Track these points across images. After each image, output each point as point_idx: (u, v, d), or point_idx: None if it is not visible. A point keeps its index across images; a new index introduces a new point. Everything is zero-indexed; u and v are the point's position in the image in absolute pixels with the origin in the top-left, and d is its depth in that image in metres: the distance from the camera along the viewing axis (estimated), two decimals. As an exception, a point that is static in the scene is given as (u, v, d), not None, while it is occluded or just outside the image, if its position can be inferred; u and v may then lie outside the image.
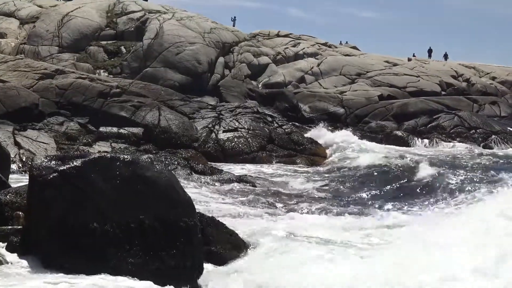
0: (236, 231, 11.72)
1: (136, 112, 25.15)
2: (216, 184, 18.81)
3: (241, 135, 25.13)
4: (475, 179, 19.42)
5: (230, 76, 32.95)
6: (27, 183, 9.59)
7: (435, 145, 29.61)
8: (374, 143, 28.07)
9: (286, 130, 26.84)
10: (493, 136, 31.31)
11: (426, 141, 30.02)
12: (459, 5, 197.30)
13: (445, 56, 46.95)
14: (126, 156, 9.83)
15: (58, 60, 31.05)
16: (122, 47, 33.29)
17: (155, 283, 8.58)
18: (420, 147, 28.96)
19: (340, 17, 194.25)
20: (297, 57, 37.43)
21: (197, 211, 10.57)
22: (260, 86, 33.77)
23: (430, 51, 48.76)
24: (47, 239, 8.98)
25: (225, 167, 21.86)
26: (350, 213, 15.35)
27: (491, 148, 29.89)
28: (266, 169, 22.45)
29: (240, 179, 19.50)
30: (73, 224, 9.01)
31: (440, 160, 24.17)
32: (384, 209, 16.14)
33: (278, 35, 40.51)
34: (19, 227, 9.46)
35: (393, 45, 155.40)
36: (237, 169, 21.99)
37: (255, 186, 18.82)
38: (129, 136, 23.94)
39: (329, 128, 29.55)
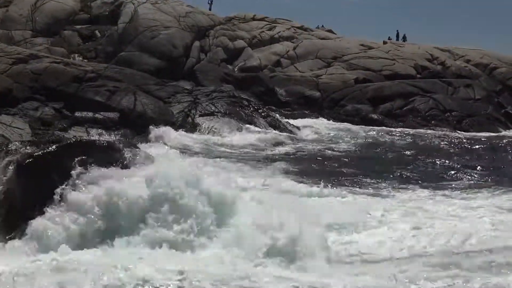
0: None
1: (112, 96, 24.97)
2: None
3: (218, 119, 25.08)
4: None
5: (206, 60, 32.84)
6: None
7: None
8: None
9: (262, 114, 26.83)
10: (468, 119, 31.58)
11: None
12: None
13: (404, 38, 46.83)
14: (102, 141, 9.81)
15: (32, 45, 30.74)
16: (97, 31, 33.04)
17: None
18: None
19: None
20: (273, 40, 37.36)
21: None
22: (236, 70, 33.69)
23: (397, 35, 48.91)
24: (23, 224, 8.95)
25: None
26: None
27: (466, 131, 30.10)
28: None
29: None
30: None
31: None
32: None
33: (253, 19, 40.37)
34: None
35: (366, 28, 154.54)
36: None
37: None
38: (105, 121, 23.81)
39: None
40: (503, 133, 30.54)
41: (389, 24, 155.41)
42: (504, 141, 26.89)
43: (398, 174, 17.51)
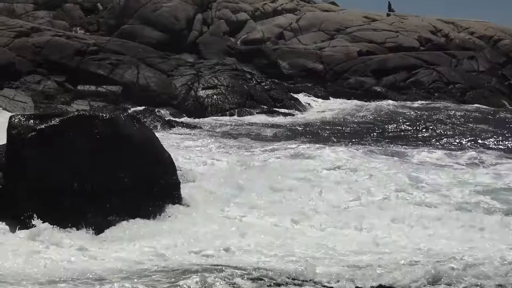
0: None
1: (114, 70, 24.93)
2: (198, 140, 18.73)
3: (220, 92, 25.04)
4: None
5: (208, 33, 32.68)
6: (5, 142, 9.51)
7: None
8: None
9: (265, 87, 26.78)
10: (471, 91, 31.46)
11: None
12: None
13: (389, 6, 44.86)
14: (105, 114, 9.77)
15: (34, 18, 30.62)
16: (99, 4, 32.86)
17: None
18: None
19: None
20: (275, 13, 37.08)
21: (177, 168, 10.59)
22: (238, 43, 33.53)
23: (389, 6, 47.32)
24: (26, 199, 8.95)
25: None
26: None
27: (469, 103, 29.97)
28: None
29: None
30: (52, 183, 8.98)
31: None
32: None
33: (256, -9, 40.09)
34: (-1, 186, 9.40)
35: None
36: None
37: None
38: (108, 94, 23.80)
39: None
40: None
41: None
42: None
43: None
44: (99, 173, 9.19)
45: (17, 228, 8.61)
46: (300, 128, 21.72)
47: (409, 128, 22.34)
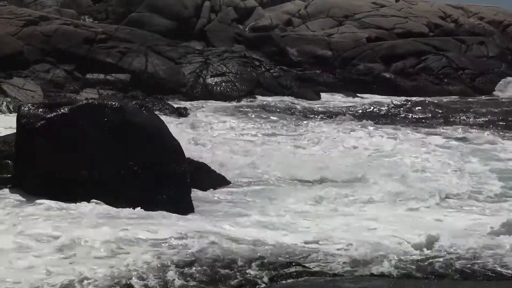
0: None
1: (123, 58, 24.92)
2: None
3: (229, 79, 25.03)
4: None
5: (216, 21, 32.61)
6: (15, 131, 9.54)
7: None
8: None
9: (274, 74, 26.75)
10: (481, 76, 31.34)
11: None
12: None
13: None
14: (114, 103, 9.78)
15: (42, 7, 30.60)
16: (107, -8, 32.82)
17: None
18: None
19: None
20: (284, -1, 37.06)
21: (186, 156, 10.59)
22: (247, 30, 33.45)
23: None
24: (36, 188, 8.98)
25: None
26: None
27: (480, 89, 29.87)
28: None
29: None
30: (61, 172, 9.01)
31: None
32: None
33: (264, -22, 39.96)
34: (8, 175, 9.45)
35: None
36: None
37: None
38: (116, 82, 23.82)
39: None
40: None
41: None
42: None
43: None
44: (108, 162, 9.21)
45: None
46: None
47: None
